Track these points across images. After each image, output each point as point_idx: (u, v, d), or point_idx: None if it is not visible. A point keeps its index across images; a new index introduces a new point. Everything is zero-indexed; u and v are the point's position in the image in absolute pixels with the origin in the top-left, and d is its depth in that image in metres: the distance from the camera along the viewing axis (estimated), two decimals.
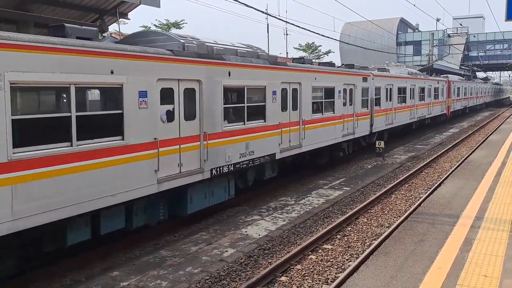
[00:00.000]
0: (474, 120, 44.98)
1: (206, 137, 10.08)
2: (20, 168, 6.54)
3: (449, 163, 19.00)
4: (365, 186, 14.93)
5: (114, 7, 13.55)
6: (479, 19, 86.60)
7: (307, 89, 14.57)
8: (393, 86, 23.02)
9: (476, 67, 66.26)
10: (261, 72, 12.15)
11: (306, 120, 14.44)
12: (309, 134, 14.61)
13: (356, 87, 18.39)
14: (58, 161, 7.06)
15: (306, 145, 14.54)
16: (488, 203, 10.27)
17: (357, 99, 18.58)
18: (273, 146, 12.75)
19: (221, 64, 10.63)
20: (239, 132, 11.33)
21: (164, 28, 45.82)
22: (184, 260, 8.67)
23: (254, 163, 11.94)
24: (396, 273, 6.61)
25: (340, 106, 16.94)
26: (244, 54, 11.87)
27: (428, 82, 30.75)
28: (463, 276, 6.40)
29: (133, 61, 8.32)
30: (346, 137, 17.46)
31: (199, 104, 9.99)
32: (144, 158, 8.56)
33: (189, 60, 9.71)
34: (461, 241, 7.84)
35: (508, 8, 10.43)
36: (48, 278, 7.83)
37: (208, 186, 10.69)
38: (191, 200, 10.19)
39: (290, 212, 11.88)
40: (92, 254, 8.79)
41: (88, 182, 7.51)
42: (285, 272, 8.20)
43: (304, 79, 14.37)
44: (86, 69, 7.43)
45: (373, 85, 20.32)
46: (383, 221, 11.23)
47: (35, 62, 6.73)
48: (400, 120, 24.59)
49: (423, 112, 29.27)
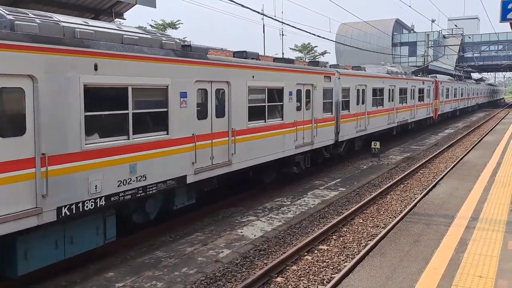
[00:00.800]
0: (469, 121, 45.17)
1: (45, 161, 7.01)
2: None
3: (444, 164, 19.07)
4: (361, 187, 14.96)
5: (110, 7, 13.52)
6: (474, 20, 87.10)
7: (240, 90, 11.61)
8: (366, 87, 20.15)
9: (471, 68, 66.55)
10: (159, 67, 9.13)
11: (239, 130, 11.46)
12: (243, 147, 11.58)
13: (316, 87, 15.36)
14: None
15: (238, 162, 11.47)
16: (483, 204, 10.31)
17: (317, 102, 15.54)
18: (181, 166, 9.70)
19: (79, 53, 7.56)
20: (121, 150, 8.31)
21: (159, 28, 45.63)
22: (180, 261, 8.65)
23: (148, 192, 8.89)
24: (391, 274, 6.62)
25: (292, 111, 13.92)
26: (136, 41, 8.80)
27: (412, 82, 28.16)
28: (458, 276, 6.42)
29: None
30: (301, 148, 14.52)
31: (33, 110, 6.94)
32: None
33: (14, 45, 6.65)
34: (456, 242, 7.87)
35: (503, 10, 10.49)
36: (42, 279, 7.78)
37: None
38: None
39: (286, 213, 11.88)
40: (86, 255, 8.74)
41: None
42: (280, 273, 8.19)
43: (235, 77, 11.36)
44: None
45: (339, 86, 17.34)
46: (379, 221, 11.25)
47: None
48: (376, 125, 21.65)
49: (405, 116, 26.61)
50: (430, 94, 32.69)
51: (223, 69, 11.05)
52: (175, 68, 9.57)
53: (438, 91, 35.28)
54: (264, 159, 12.65)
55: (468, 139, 28.62)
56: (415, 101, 28.61)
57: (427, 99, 31.85)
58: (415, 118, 28.89)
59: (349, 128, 18.39)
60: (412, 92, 27.99)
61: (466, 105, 51.45)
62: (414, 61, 65.20)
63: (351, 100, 18.51)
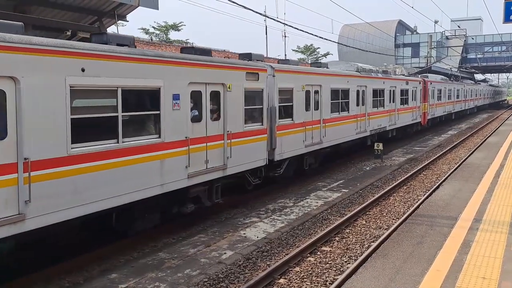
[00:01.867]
0: (472, 122, 45.05)
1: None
2: None
3: (447, 165, 19.03)
4: (364, 188, 14.93)
5: (113, 9, 13.55)
6: (477, 21, 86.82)
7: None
8: (320, 88, 15.88)
9: (475, 69, 66.37)
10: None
11: (33, 163, 6.85)
12: (52, 187, 7.16)
13: (230, 89, 11.10)
14: None
15: (56, 210, 7.28)
16: (487, 205, 10.27)
17: (232, 108, 11.24)
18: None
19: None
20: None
21: (162, 30, 45.73)
22: (183, 262, 8.65)
23: None
24: (394, 275, 6.61)
25: (182, 124, 9.64)
26: None
27: (391, 82, 23.61)
28: (461, 278, 6.40)
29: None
30: (191, 180, 9.91)
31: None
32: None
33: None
34: (460, 243, 7.85)
35: (506, 10, 10.49)
36: (46, 280, 7.80)
37: None
38: None
39: (288, 214, 11.87)
40: (90, 256, 8.76)
41: None
42: (283, 275, 8.19)
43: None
44: None
45: (275, 86, 13.25)
46: (382, 223, 11.23)
47: None
48: (336, 136, 17.17)
49: (381, 123, 22.22)
50: (417, 96, 28.46)
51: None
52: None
53: (427, 92, 31.06)
54: (115, 201, 8.60)
55: (471, 140, 28.55)
56: (395, 105, 24.26)
57: (412, 102, 27.50)
58: (396, 124, 24.53)
59: (294, 142, 14.25)
60: (392, 94, 23.80)
61: (463, 108, 46.52)
62: (417, 62, 65.10)
63: (296, 105, 14.36)
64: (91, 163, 7.65)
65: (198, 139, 10.11)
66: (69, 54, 7.34)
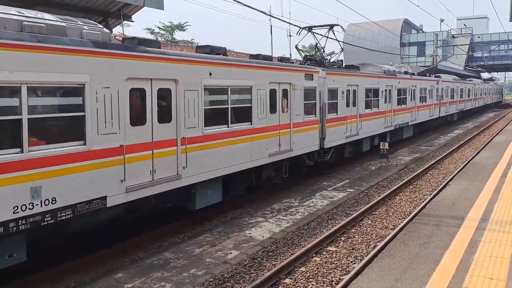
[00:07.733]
0: (479, 121, 44.80)
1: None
2: None
3: (454, 165, 18.92)
4: (369, 188, 14.88)
5: (118, 9, 13.59)
6: (483, 19, 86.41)
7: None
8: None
9: (481, 67, 65.96)
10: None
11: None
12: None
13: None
14: None
15: None
16: (494, 205, 10.21)
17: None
18: None
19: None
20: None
21: (168, 30, 45.87)
22: (188, 262, 8.66)
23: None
24: (401, 276, 6.57)
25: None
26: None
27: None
28: (468, 278, 6.36)
29: None
30: None
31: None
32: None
33: None
34: (466, 243, 7.80)
35: None
36: (52, 280, 7.84)
37: None
38: None
39: (294, 214, 11.85)
40: (95, 256, 8.79)
41: None
42: (289, 274, 8.17)
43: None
44: None
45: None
46: (388, 223, 11.18)
47: None
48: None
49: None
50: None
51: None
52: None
53: None
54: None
55: (478, 139, 28.38)
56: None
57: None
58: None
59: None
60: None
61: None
62: (423, 61, 64.78)
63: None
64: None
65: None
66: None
